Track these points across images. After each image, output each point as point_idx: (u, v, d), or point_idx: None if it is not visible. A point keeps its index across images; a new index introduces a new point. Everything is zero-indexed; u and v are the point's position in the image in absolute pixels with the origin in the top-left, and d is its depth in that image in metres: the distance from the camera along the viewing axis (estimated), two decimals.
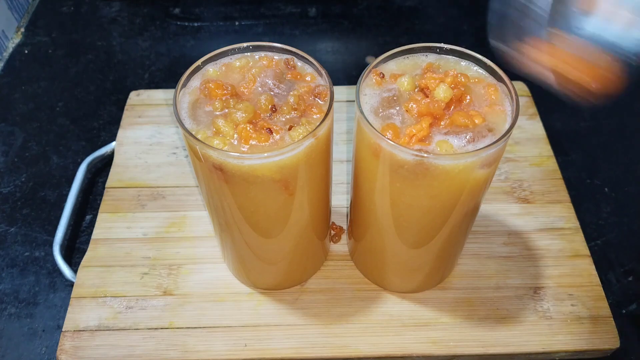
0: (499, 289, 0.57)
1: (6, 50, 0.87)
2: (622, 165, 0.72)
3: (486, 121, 0.43)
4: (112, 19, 0.93)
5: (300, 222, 0.49)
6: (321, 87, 0.45)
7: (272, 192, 0.44)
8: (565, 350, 0.53)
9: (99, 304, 0.56)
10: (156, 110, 0.73)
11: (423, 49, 0.48)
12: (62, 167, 0.72)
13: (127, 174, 0.67)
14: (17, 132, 0.75)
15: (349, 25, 0.92)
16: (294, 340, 0.53)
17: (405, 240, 0.50)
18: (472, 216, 0.50)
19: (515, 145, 0.69)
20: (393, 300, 0.56)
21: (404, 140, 0.41)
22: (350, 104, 0.74)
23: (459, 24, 0.92)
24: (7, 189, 0.69)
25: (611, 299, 0.58)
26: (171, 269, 0.58)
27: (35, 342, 0.56)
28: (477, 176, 0.43)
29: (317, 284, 0.57)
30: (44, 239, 0.64)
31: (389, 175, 0.43)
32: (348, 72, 0.84)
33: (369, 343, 0.53)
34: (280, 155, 0.40)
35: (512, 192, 0.65)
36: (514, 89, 0.44)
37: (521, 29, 0.49)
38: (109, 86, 0.82)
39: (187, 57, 0.87)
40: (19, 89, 0.81)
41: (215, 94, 0.44)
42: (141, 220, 0.62)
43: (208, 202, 0.50)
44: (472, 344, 0.53)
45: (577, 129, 0.76)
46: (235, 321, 0.55)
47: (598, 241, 0.64)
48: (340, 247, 0.61)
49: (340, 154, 0.69)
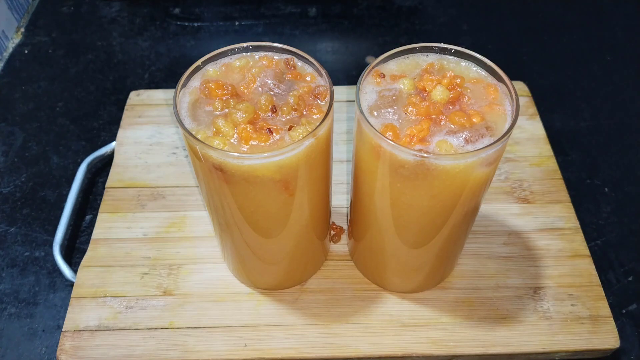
0: (499, 289, 0.57)
1: (6, 50, 0.87)
2: (622, 165, 0.72)
3: (486, 121, 0.43)
4: (112, 19, 0.93)
5: (300, 222, 0.49)
6: (321, 87, 0.45)
7: (272, 192, 0.44)
8: (565, 350, 0.53)
9: (99, 304, 0.56)
10: (156, 110, 0.73)
11: (423, 49, 0.48)
12: (62, 167, 0.72)
13: (127, 174, 0.67)
14: (17, 132, 0.75)
15: (349, 25, 0.92)
16: (294, 340, 0.53)
17: (405, 240, 0.50)
18: (472, 216, 0.50)
19: (515, 145, 0.69)
20: (393, 300, 0.56)
21: (404, 141, 0.41)
22: (350, 104, 0.74)
23: (459, 24, 0.92)
24: (7, 189, 0.69)
25: (611, 299, 0.58)
26: (171, 269, 0.58)
27: (35, 342, 0.56)
28: (477, 176, 0.43)
29: (317, 284, 0.57)
30: (44, 239, 0.64)
31: (389, 175, 0.43)
32: (348, 72, 0.84)
33: (369, 343, 0.53)
34: (280, 155, 0.40)
35: (512, 192, 0.65)
36: (513, 89, 0.44)
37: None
38: (109, 86, 0.82)
39: (187, 57, 0.87)
40: (19, 89, 0.81)
41: (215, 94, 0.44)
42: (141, 220, 0.62)
43: (208, 202, 0.50)
44: (472, 344, 0.53)
45: (577, 129, 0.76)
46: (235, 321, 0.55)
47: (598, 241, 0.64)
48: (340, 247, 0.61)
49: (340, 154, 0.69)
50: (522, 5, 0.97)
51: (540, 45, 0.89)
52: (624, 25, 0.93)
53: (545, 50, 0.88)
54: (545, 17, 0.95)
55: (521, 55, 0.87)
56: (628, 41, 0.90)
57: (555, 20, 0.94)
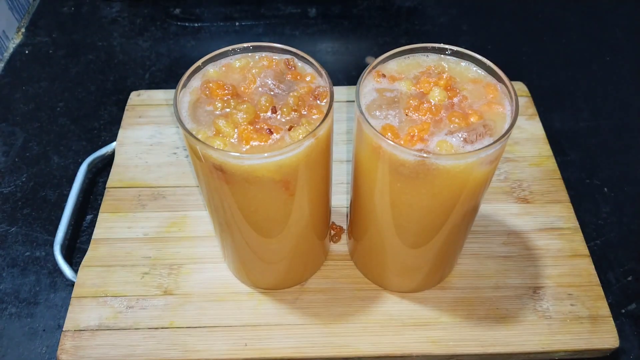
0: (498, 289, 0.57)
1: (7, 50, 0.87)
2: (621, 165, 0.72)
3: (486, 121, 0.43)
4: (113, 20, 0.93)
5: (300, 222, 0.49)
6: (321, 88, 0.45)
7: (273, 192, 0.44)
8: (565, 350, 0.53)
9: (100, 304, 0.56)
10: (157, 111, 0.73)
11: (423, 49, 0.48)
12: (63, 167, 0.72)
13: (128, 174, 0.67)
14: (18, 132, 0.75)
15: (349, 25, 0.92)
16: (294, 340, 0.54)
17: (405, 240, 0.50)
18: (471, 216, 0.50)
19: (515, 145, 0.69)
20: (393, 300, 0.56)
21: (404, 140, 0.42)
22: (350, 104, 0.74)
23: (458, 25, 0.92)
24: (8, 189, 0.69)
25: (610, 298, 0.58)
26: (172, 268, 0.59)
27: (36, 342, 0.56)
28: (477, 176, 0.43)
29: (317, 283, 0.58)
30: (45, 238, 0.64)
31: (389, 175, 0.43)
32: (348, 73, 0.84)
33: (369, 342, 0.53)
34: (280, 155, 0.41)
35: (511, 192, 0.65)
36: (513, 89, 0.44)
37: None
38: (110, 86, 0.82)
39: (188, 58, 0.87)
40: (19, 89, 0.81)
41: (216, 94, 0.44)
42: (142, 220, 0.63)
43: (208, 202, 0.50)
44: (472, 343, 0.53)
45: (577, 129, 0.76)
46: (236, 321, 0.55)
47: (597, 241, 0.64)
48: (340, 247, 0.61)
49: (340, 154, 0.69)
50: (522, 6, 0.97)
51: (539, 45, 0.89)
52: (624, 25, 0.93)
53: (544, 50, 0.88)
54: (545, 17, 0.95)
55: (521, 55, 0.87)
56: (627, 41, 0.90)
57: (555, 20, 0.94)
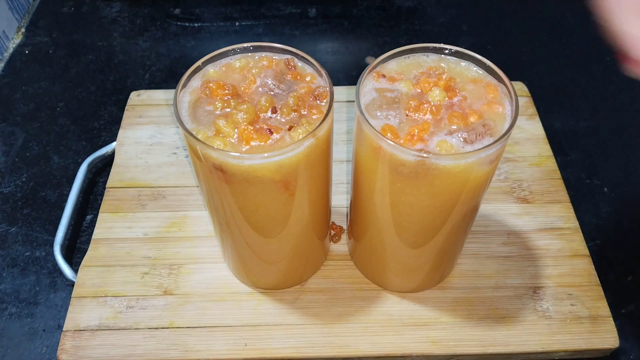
0: (498, 289, 0.57)
1: (7, 50, 0.87)
2: (621, 165, 0.72)
3: (485, 121, 0.43)
4: (113, 20, 0.93)
5: (300, 222, 0.49)
6: (321, 88, 0.45)
7: (272, 192, 0.44)
8: (565, 350, 0.53)
9: (100, 304, 0.56)
10: (157, 111, 0.73)
11: (423, 49, 0.48)
12: (63, 167, 0.72)
13: (128, 174, 0.67)
14: (18, 132, 0.75)
15: (349, 25, 0.92)
16: (294, 340, 0.54)
17: (405, 240, 0.50)
18: (471, 216, 0.50)
19: (515, 145, 0.69)
20: (393, 300, 0.56)
21: (404, 140, 0.42)
22: (350, 104, 0.74)
23: (458, 25, 0.92)
24: (8, 189, 0.69)
25: (610, 298, 0.58)
26: (172, 268, 0.59)
27: (36, 342, 0.56)
28: (477, 176, 0.43)
29: (317, 283, 0.58)
30: (45, 238, 0.64)
31: (389, 175, 0.43)
32: (348, 73, 0.84)
33: (369, 342, 0.53)
34: (280, 155, 0.41)
35: (511, 192, 0.65)
36: (513, 89, 0.44)
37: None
38: (110, 86, 0.82)
39: (188, 58, 0.87)
40: (19, 89, 0.81)
41: (216, 94, 0.44)
42: (142, 220, 0.63)
43: (208, 202, 0.50)
44: (472, 343, 0.53)
45: (577, 129, 0.76)
46: (236, 321, 0.55)
47: (597, 241, 0.64)
48: (340, 247, 0.61)
49: (340, 154, 0.69)
50: (522, 6, 0.97)
51: (539, 45, 0.89)
52: None
53: (544, 50, 0.88)
54: (545, 17, 0.95)
55: (521, 55, 0.87)
56: None
57: (555, 20, 0.94)
